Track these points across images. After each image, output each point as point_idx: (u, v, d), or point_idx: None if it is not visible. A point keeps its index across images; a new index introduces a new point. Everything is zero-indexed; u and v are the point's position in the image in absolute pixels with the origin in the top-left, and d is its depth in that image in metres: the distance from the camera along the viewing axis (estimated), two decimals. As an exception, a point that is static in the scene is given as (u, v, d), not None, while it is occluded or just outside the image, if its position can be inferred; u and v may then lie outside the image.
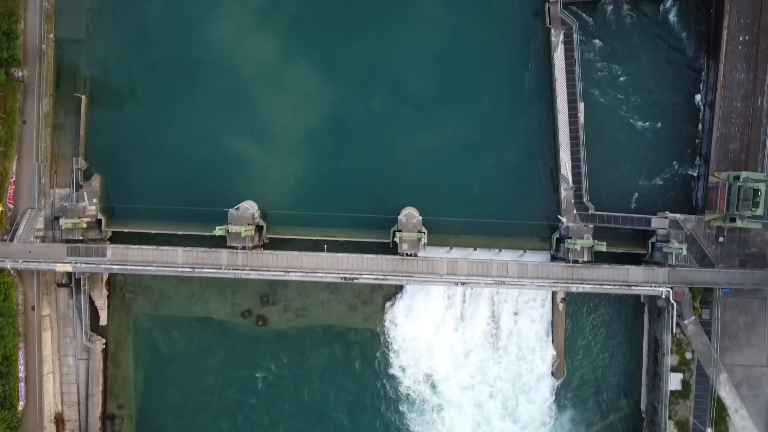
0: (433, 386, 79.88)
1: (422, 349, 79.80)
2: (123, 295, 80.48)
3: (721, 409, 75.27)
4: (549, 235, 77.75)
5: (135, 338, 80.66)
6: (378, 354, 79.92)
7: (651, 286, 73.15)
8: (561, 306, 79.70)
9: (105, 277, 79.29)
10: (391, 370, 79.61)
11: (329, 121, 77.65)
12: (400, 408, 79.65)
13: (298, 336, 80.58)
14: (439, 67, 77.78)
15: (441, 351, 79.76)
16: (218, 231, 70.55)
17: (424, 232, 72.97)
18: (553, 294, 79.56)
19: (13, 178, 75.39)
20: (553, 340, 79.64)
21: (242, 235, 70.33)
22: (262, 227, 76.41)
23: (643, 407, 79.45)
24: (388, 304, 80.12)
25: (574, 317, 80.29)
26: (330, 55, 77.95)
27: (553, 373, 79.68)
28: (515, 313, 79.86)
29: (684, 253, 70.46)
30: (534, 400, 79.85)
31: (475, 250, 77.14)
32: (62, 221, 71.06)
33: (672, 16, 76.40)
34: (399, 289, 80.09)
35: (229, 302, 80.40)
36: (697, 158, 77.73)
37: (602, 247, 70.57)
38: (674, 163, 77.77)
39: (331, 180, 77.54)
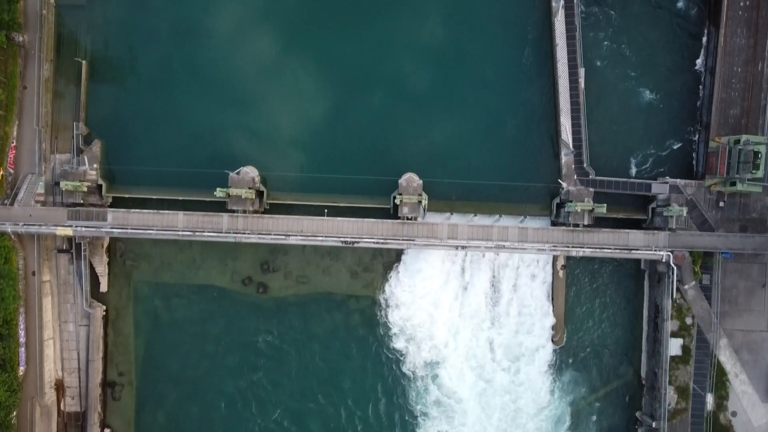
0: (434, 353, 79.66)
1: (422, 316, 79.77)
2: (123, 262, 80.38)
3: (721, 374, 75.38)
4: (549, 201, 77.73)
5: (135, 305, 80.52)
6: (378, 320, 79.91)
7: (651, 250, 73.18)
8: (561, 273, 79.76)
9: (105, 244, 79.24)
10: (392, 336, 79.56)
11: (329, 88, 77.48)
12: (401, 373, 79.63)
13: (299, 303, 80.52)
14: (441, 35, 77.67)
15: (441, 318, 79.76)
16: (219, 193, 70.52)
17: (424, 196, 72.83)
18: (554, 261, 79.65)
19: (14, 143, 75.29)
20: (553, 307, 79.64)
21: (242, 197, 70.29)
22: (262, 193, 76.36)
23: (643, 374, 79.50)
24: (388, 271, 80.00)
25: (574, 285, 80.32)
26: (333, 27, 77.80)
27: (553, 340, 79.66)
28: (515, 281, 79.79)
29: (684, 215, 70.51)
30: (534, 367, 79.78)
31: (475, 215, 77.08)
32: (63, 183, 70.98)
33: (673, -18, 76.68)
34: (399, 257, 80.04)
35: (229, 270, 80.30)
36: (698, 124, 77.77)
37: (603, 209, 70.57)
38: (675, 129, 77.89)
39: (331, 146, 77.55)
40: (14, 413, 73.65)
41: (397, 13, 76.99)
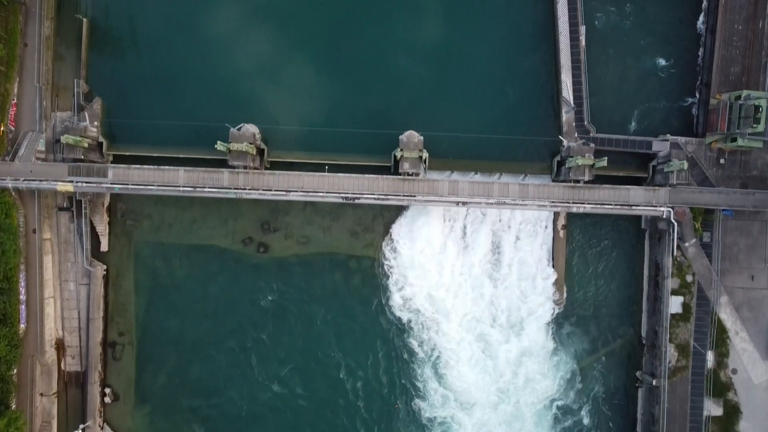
0: (434, 312, 79.69)
1: (423, 276, 79.76)
2: (124, 222, 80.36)
3: (721, 332, 75.40)
4: (550, 160, 77.81)
5: (136, 266, 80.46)
6: (379, 280, 79.90)
7: (652, 206, 73.19)
8: (561, 234, 79.75)
9: (106, 203, 79.21)
10: (392, 296, 79.57)
11: (329, 46, 77.61)
12: (401, 331, 79.70)
13: (300, 263, 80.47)
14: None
15: (441, 278, 79.77)
16: (220, 146, 70.44)
17: (425, 152, 72.77)
18: (554, 222, 79.65)
19: (15, 101, 75.22)
20: (553, 268, 79.64)
21: (243, 150, 70.23)
22: (263, 151, 76.37)
23: (643, 333, 79.52)
24: (388, 231, 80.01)
25: (575, 245, 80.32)
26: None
27: (553, 301, 79.63)
28: (516, 240, 79.81)
29: (685, 168, 70.43)
30: (535, 327, 79.78)
31: (476, 174, 77.10)
32: (64, 137, 70.81)
33: (673, -61, 76.65)
34: (400, 216, 79.98)
35: (229, 230, 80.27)
36: (699, 83, 77.72)
37: (603, 162, 70.46)
38: (675, 88, 77.91)
39: (332, 105, 77.42)
40: (14, 369, 73.66)
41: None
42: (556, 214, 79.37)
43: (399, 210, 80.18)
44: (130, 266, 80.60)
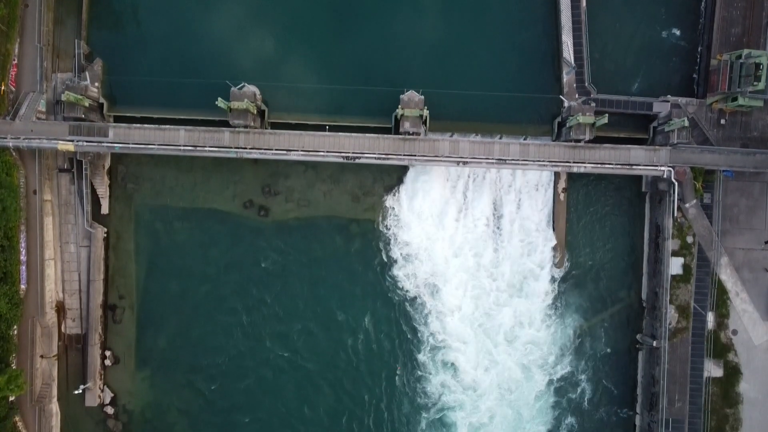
0: (435, 274, 79.76)
1: (424, 239, 79.87)
2: (125, 185, 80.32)
3: (722, 293, 75.47)
4: (550, 122, 77.88)
5: (136, 229, 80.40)
6: (379, 243, 79.96)
7: (652, 166, 73.21)
8: (562, 196, 79.83)
9: (107, 165, 79.26)
10: (393, 258, 79.65)
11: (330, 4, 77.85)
12: (402, 293, 79.74)
13: (300, 226, 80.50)
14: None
15: (442, 240, 79.88)
16: (220, 103, 70.36)
17: (426, 110, 72.70)
18: (555, 185, 79.73)
19: (15, 61, 75.12)
20: (554, 230, 79.71)
21: (244, 108, 70.20)
22: (264, 112, 76.40)
23: (644, 296, 79.57)
24: (389, 194, 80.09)
25: (575, 208, 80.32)
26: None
27: (554, 264, 79.70)
28: (517, 204, 79.91)
29: (686, 126, 70.40)
30: (534, 290, 79.86)
31: (476, 135, 77.12)
32: (65, 94, 70.61)
33: None
34: (401, 179, 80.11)
35: (230, 193, 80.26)
36: (699, 45, 77.76)
37: (604, 120, 70.35)
38: (676, 50, 77.93)
39: (332, 64, 77.39)
40: (15, 328, 73.63)
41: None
42: (557, 177, 79.47)
43: (400, 174, 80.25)
44: (131, 229, 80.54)
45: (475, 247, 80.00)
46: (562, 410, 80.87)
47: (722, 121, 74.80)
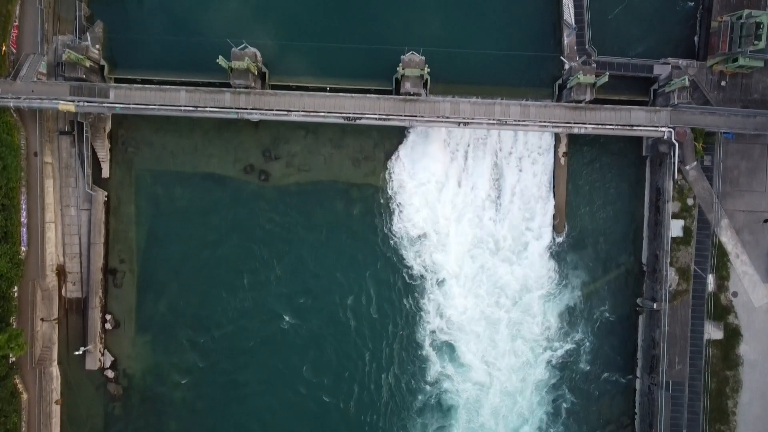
0: (436, 238, 79.81)
1: (425, 203, 79.94)
2: (125, 149, 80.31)
3: (722, 255, 75.55)
4: (551, 85, 77.94)
5: (137, 193, 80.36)
6: (380, 208, 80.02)
7: (653, 127, 73.26)
8: (562, 161, 79.88)
9: (107, 129, 79.24)
10: (394, 223, 79.75)
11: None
12: (403, 257, 79.80)
13: (301, 191, 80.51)
14: None
15: (443, 205, 79.92)
16: (221, 61, 70.28)
17: (426, 70, 72.66)
18: (555, 149, 79.77)
19: (16, 23, 75.06)
20: (554, 195, 79.74)
21: (245, 67, 70.19)
22: (264, 74, 76.42)
23: (644, 259, 79.63)
24: (389, 159, 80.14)
25: (576, 173, 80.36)
26: None
27: (553, 228, 79.75)
28: (517, 168, 79.96)
29: (687, 86, 70.47)
30: (535, 254, 79.86)
31: (477, 98, 77.03)
32: (66, 53, 70.46)
33: None
34: (401, 145, 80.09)
35: (231, 157, 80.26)
36: (700, 8, 77.78)
37: (605, 78, 70.35)
38: (676, 13, 77.96)
39: (332, 24, 77.46)
40: (15, 288, 73.62)
41: None
42: (557, 142, 79.56)
43: (400, 138, 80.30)
44: (131, 194, 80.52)
45: (475, 211, 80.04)
46: (561, 376, 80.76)
47: (723, 83, 74.90)
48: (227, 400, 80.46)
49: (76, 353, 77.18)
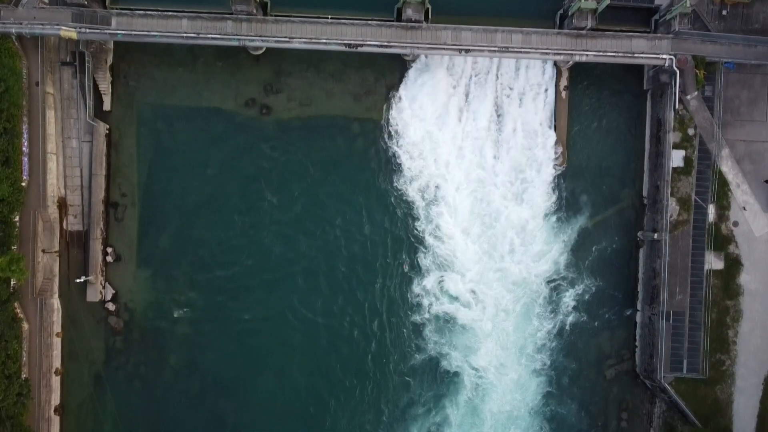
0: (437, 173, 79.95)
1: (426, 138, 80.00)
2: (127, 83, 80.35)
3: (722, 185, 75.66)
4: (552, 17, 78.05)
5: (138, 127, 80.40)
6: (381, 142, 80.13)
7: (654, 55, 73.39)
8: (564, 94, 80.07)
9: (109, 61, 79.32)
10: (395, 158, 79.82)
11: None
12: (404, 193, 79.92)
13: (302, 126, 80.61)
14: None
15: (444, 139, 79.98)
16: (223, -18, 70.49)
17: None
18: (557, 83, 79.93)
19: (18, -49, 75.21)
20: (555, 129, 79.90)
21: (246, -9, 70.37)
22: (266, 5, 76.50)
23: (645, 192, 79.77)
24: (391, 92, 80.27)
25: (577, 107, 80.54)
26: None
27: (554, 162, 79.83)
28: (518, 102, 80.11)
29: (688, 11, 70.61)
30: (536, 189, 79.98)
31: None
32: (67, -23, 70.93)
33: None
34: (403, 76, 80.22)
35: (233, 91, 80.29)
36: (701, -60, 77.95)
37: (606, 1, 70.41)
38: (678, -55, 78.05)
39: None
40: (17, 215, 73.64)
41: None
42: (559, 76, 79.71)
43: (402, 71, 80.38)
44: (133, 128, 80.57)
45: (476, 145, 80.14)
46: (562, 310, 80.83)
47: (723, 12, 75.01)
48: (225, 335, 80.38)
49: (78, 281, 77.20)
